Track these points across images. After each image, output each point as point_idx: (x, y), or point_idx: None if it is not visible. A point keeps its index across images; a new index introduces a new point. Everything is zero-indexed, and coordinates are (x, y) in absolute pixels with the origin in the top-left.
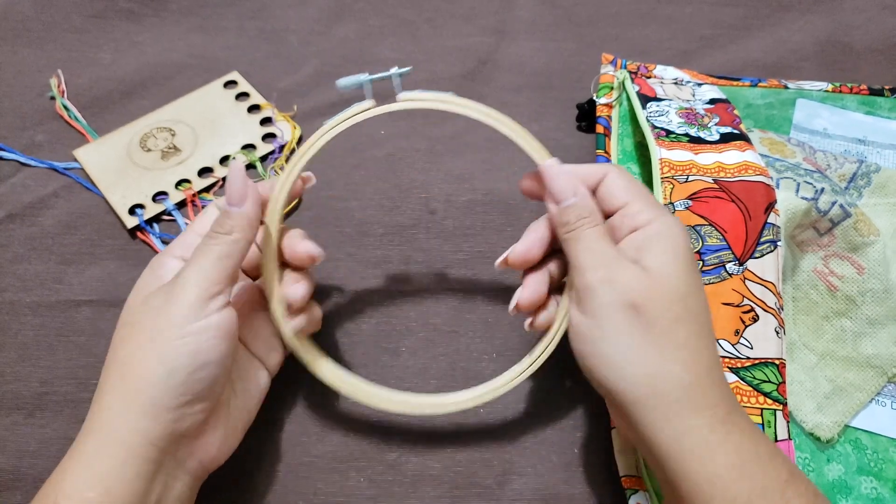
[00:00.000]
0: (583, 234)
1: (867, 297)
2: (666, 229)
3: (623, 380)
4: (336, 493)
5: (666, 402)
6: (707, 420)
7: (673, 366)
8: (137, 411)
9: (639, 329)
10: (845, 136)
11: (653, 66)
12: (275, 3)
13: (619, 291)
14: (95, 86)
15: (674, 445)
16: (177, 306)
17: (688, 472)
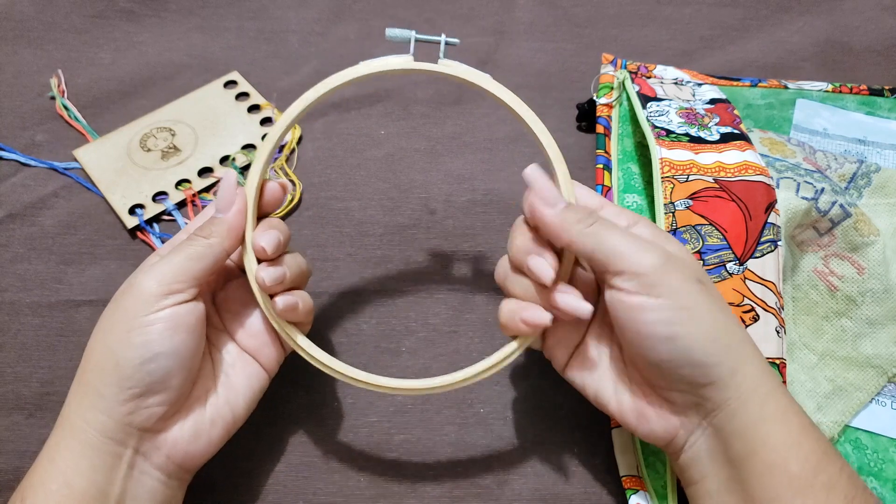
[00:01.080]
0: (605, 224)
1: (867, 297)
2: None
3: (722, 352)
4: (336, 493)
5: (753, 367)
6: (777, 383)
7: (743, 332)
8: (89, 404)
9: (711, 301)
10: (845, 136)
11: (653, 66)
12: (275, 4)
13: (683, 267)
14: (95, 86)
15: (759, 412)
16: (131, 299)
17: (769, 436)
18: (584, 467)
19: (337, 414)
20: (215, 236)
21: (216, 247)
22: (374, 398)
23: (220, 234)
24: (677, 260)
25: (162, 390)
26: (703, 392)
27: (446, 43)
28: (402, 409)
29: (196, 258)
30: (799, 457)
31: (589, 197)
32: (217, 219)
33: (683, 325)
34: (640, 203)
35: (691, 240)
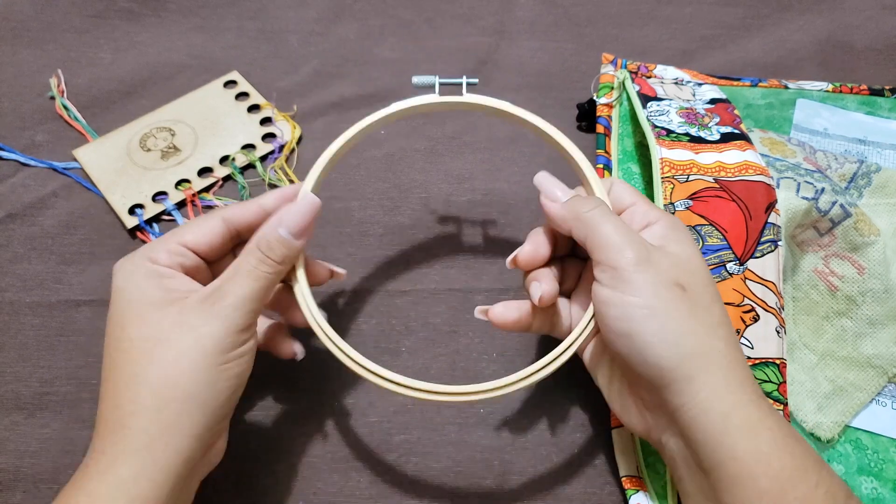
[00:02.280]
0: (604, 213)
1: (867, 297)
2: (677, 223)
3: (677, 357)
4: (336, 493)
5: (716, 377)
6: (750, 396)
7: (717, 342)
8: (180, 434)
9: (686, 306)
10: (845, 136)
11: (653, 65)
12: (275, 4)
13: (664, 269)
14: (95, 86)
15: (722, 422)
16: (226, 332)
17: (734, 449)
18: (584, 467)
19: (337, 414)
20: (287, 263)
21: (282, 273)
22: (373, 398)
23: (290, 261)
24: (662, 260)
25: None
26: (662, 394)
27: (468, 84)
28: (402, 409)
29: (271, 285)
30: (768, 472)
31: (625, 193)
32: (290, 244)
33: (640, 324)
34: None
35: None
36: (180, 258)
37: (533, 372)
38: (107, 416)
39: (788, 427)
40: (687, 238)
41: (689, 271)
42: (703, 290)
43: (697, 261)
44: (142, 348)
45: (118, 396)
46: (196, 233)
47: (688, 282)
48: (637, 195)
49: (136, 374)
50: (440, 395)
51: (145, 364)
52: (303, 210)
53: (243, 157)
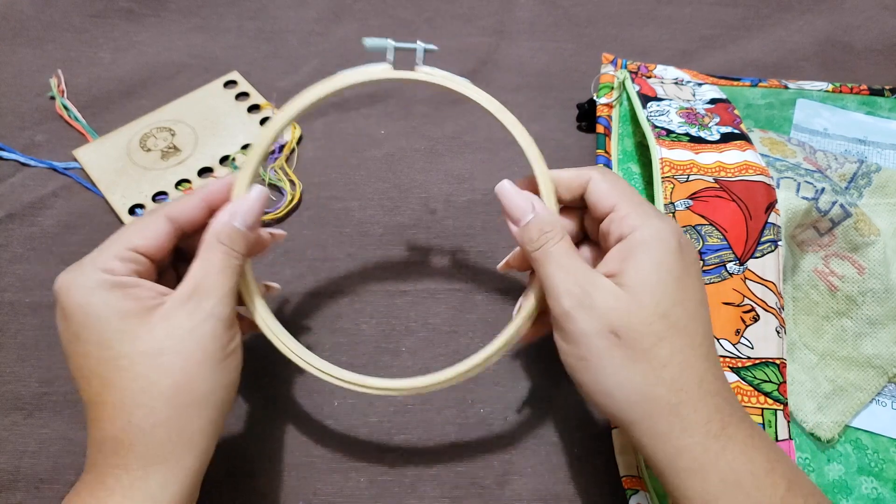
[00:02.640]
0: (549, 252)
1: (867, 297)
2: (651, 236)
3: (613, 405)
4: (336, 494)
5: (657, 423)
6: (699, 438)
7: (658, 388)
8: (202, 436)
9: (620, 354)
10: (845, 136)
11: (653, 66)
12: (275, 4)
13: (597, 317)
14: (95, 85)
15: (669, 465)
16: (222, 328)
17: (684, 489)
18: (584, 467)
19: (337, 414)
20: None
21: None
22: (373, 398)
23: (244, 251)
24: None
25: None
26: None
27: (424, 50)
28: (402, 409)
29: (240, 274)
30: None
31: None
32: (248, 236)
33: (577, 373)
34: None
35: (691, 240)
36: (134, 265)
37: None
38: (116, 435)
39: (749, 461)
40: (655, 257)
41: (631, 310)
42: (646, 331)
43: (648, 293)
44: (145, 362)
45: (129, 413)
46: (145, 235)
47: (625, 326)
48: (618, 193)
49: (146, 388)
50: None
51: (154, 377)
52: (253, 200)
53: (243, 157)
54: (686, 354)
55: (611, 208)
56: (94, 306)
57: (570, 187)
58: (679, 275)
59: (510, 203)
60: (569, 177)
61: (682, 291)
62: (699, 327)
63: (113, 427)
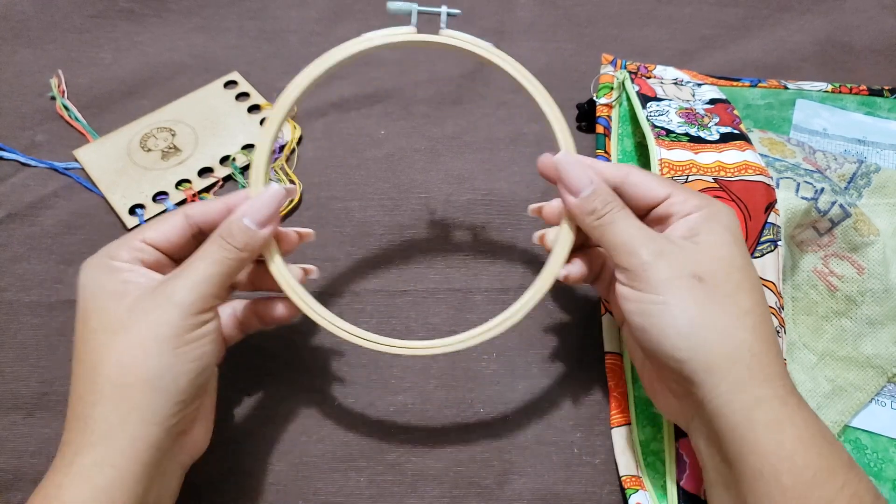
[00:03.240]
0: (617, 217)
1: (867, 297)
2: (717, 212)
3: (693, 349)
4: (336, 493)
5: (738, 369)
6: (777, 391)
7: (742, 332)
8: (140, 420)
9: (704, 296)
10: (845, 137)
11: (653, 66)
12: (275, 4)
13: (679, 263)
14: (96, 86)
15: (745, 416)
16: (179, 315)
17: (757, 444)
18: (584, 467)
19: (337, 414)
20: (248, 251)
21: (247, 260)
22: (374, 398)
23: (253, 250)
24: (679, 254)
25: (202, 395)
26: (686, 385)
27: (448, 14)
28: (403, 408)
29: (231, 272)
30: (792, 470)
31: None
32: (253, 232)
33: (655, 318)
34: None
35: None
36: (140, 254)
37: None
38: (72, 409)
39: (818, 426)
40: (720, 227)
41: (711, 260)
42: (727, 278)
43: (725, 249)
44: (100, 339)
45: (80, 388)
46: (158, 229)
47: (707, 271)
48: (671, 184)
49: (95, 364)
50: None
51: (103, 353)
52: (265, 199)
53: (244, 158)
54: (763, 308)
55: (666, 195)
56: (88, 287)
57: (606, 178)
58: (744, 249)
59: (571, 174)
60: (606, 169)
61: (749, 259)
62: (763, 293)
63: (73, 401)
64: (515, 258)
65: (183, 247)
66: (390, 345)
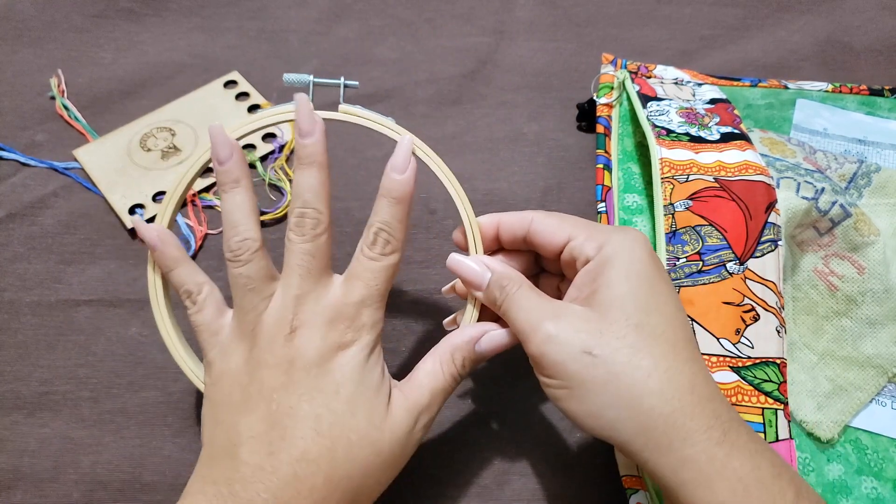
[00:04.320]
0: (511, 301)
1: (867, 297)
2: (616, 249)
3: (606, 426)
4: None
5: (654, 436)
6: (703, 446)
7: (648, 399)
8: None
9: (600, 373)
10: (845, 137)
11: (653, 66)
12: (275, 4)
13: (567, 343)
14: (96, 85)
15: (673, 478)
16: (412, 441)
17: (691, 500)
18: (584, 467)
19: None
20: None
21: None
22: None
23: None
24: (567, 329)
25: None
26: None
27: (345, 86)
28: None
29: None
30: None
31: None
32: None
33: (564, 402)
34: (640, 203)
35: (691, 241)
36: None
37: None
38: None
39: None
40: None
41: (600, 327)
42: (621, 343)
43: (616, 308)
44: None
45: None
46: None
47: (597, 343)
48: (571, 224)
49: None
50: None
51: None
52: (502, 335)
53: None
54: (669, 361)
55: (566, 238)
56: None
57: (513, 230)
58: (652, 281)
59: (466, 273)
60: (511, 220)
61: (657, 297)
62: (679, 332)
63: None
64: None
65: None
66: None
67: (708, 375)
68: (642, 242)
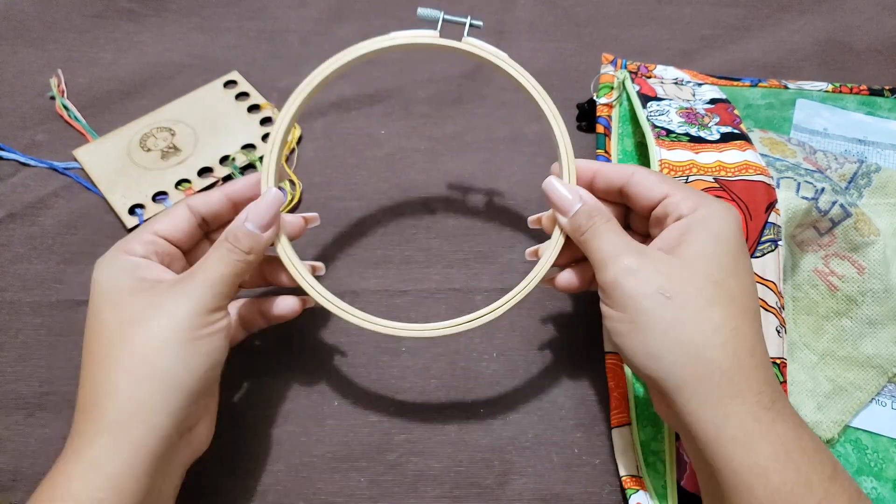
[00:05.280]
0: (597, 231)
1: (867, 297)
2: (711, 214)
3: (661, 368)
4: (336, 493)
5: (707, 387)
6: (751, 407)
7: (710, 351)
8: (152, 411)
9: (672, 315)
10: (845, 136)
11: (653, 66)
12: (275, 4)
13: (645, 279)
14: (95, 85)
15: (716, 432)
16: (195, 310)
17: (730, 460)
18: (584, 467)
19: (337, 414)
20: (254, 254)
21: (253, 263)
22: (373, 398)
23: (258, 253)
24: (649, 270)
25: (211, 393)
26: (665, 396)
27: (471, 24)
28: (403, 408)
29: (239, 273)
30: (767, 486)
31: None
32: (257, 236)
33: (622, 338)
34: None
35: None
36: (153, 246)
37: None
38: (83, 400)
39: (797, 439)
40: (706, 234)
41: (684, 274)
42: (699, 293)
43: (702, 262)
44: (115, 331)
45: (93, 380)
46: (166, 222)
47: (677, 287)
48: (670, 183)
49: (110, 355)
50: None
51: (119, 345)
52: (265, 204)
53: (243, 157)
54: (738, 322)
55: (663, 195)
56: (102, 282)
57: (610, 179)
58: (736, 251)
59: (558, 197)
60: (610, 169)
61: (738, 265)
62: (752, 302)
63: (84, 392)
64: (515, 258)
65: (191, 237)
66: (393, 327)
67: (766, 348)
68: (736, 216)
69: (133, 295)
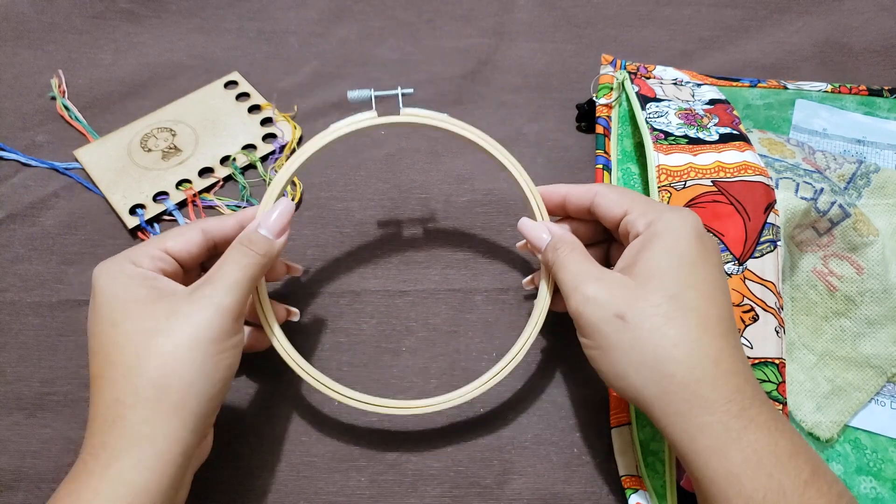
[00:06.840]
0: (561, 262)
1: (866, 298)
2: (664, 228)
3: (631, 388)
4: (336, 493)
5: (675, 402)
6: (720, 416)
7: (671, 366)
8: (179, 422)
9: (629, 336)
10: (844, 137)
11: (652, 66)
12: (275, 5)
13: (602, 306)
14: (96, 86)
15: (690, 443)
16: (220, 317)
17: (705, 469)
18: (584, 467)
19: (337, 414)
20: (267, 258)
21: (266, 266)
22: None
23: (271, 256)
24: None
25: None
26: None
27: (402, 94)
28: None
29: (255, 276)
30: (741, 493)
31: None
32: (269, 240)
33: (596, 361)
34: None
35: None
36: (161, 263)
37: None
38: (104, 412)
39: (774, 443)
40: (668, 245)
41: (635, 294)
42: (653, 311)
43: (656, 280)
44: (139, 341)
45: (117, 390)
46: (177, 240)
47: (632, 309)
48: (627, 199)
49: (135, 366)
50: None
51: (144, 356)
52: (279, 212)
53: (244, 158)
54: (699, 333)
55: (623, 212)
56: (113, 290)
57: (579, 201)
58: (693, 260)
59: (530, 235)
60: (577, 191)
61: (695, 275)
62: (714, 308)
63: (102, 403)
64: (515, 258)
65: (196, 258)
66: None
67: (738, 352)
68: (691, 223)
69: (152, 304)
